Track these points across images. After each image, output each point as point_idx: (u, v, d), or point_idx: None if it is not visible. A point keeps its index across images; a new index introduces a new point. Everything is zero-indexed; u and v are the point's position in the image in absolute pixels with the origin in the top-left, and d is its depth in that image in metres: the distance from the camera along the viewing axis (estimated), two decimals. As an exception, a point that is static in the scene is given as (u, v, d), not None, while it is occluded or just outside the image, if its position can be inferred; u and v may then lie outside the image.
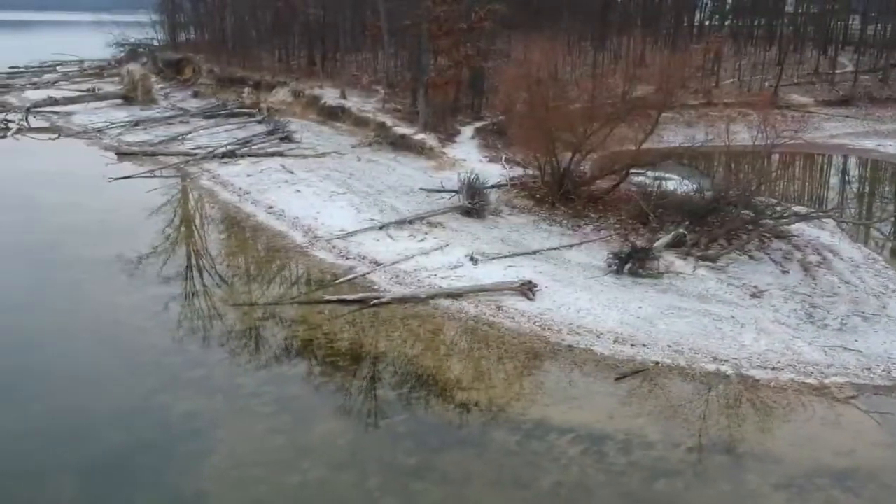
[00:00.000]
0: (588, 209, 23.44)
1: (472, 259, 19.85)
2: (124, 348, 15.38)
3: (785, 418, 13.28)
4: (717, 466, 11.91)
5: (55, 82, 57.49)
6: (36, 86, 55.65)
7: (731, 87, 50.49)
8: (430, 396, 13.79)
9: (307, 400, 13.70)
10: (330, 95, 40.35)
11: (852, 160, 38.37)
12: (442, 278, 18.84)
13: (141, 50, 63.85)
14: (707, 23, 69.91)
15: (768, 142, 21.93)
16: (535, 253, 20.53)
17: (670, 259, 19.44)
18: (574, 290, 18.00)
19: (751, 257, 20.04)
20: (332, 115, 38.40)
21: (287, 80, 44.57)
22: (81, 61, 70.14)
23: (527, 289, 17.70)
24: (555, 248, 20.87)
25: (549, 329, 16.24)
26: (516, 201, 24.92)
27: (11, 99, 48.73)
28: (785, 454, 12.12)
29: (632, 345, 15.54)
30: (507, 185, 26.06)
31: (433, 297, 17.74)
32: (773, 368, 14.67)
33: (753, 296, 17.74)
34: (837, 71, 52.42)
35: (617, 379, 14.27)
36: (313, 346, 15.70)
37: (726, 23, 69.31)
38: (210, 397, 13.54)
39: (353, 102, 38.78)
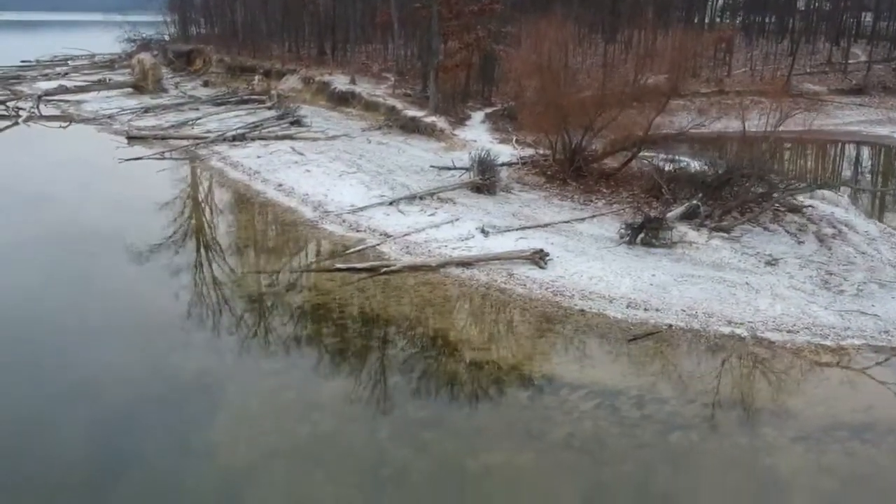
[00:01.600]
0: (599, 185, 23.28)
1: (482, 231, 19.70)
2: (137, 312, 15.29)
3: (801, 377, 13.07)
4: (732, 421, 11.72)
5: (66, 74, 57.58)
6: (47, 77, 55.83)
7: (742, 76, 50.20)
8: (440, 356, 13.65)
9: (316, 359, 13.57)
10: (340, 82, 40.31)
11: (866, 146, 37.98)
12: (452, 249, 18.70)
13: (152, 44, 64.18)
14: (718, 20, 69.60)
15: (780, 121, 21.76)
16: (546, 226, 20.37)
17: (683, 230, 19.22)
18: (586, 260, 17.82)
19: (765, 229, 19.81)
20: (342, 100, 38.35)
21: (297, 68, 44.56)
22: (92, 56, 70.40)
23: (538, 257, 17.53)
24: (566, 222, 20.70)
25: (560, 295, 16.08)
26: (527, 178, 24.77)
27: (23, 89, 48.92)
28: (802, 410, 11.93)
29: (645, 309, 15.36)
30: (518, 163, 25.90)
31: (444, 265, 17.60)
32: (789, 331, 14.45)
33: (768, 264, 17.52)
34: (850, 61, 51.99)
35: (630, 340, 14.10)
36: (324, 311, 15.61)
37: (737, 20, 68.99)
38: (220, 357, 13.44)
39: (363, 88, 38.72)
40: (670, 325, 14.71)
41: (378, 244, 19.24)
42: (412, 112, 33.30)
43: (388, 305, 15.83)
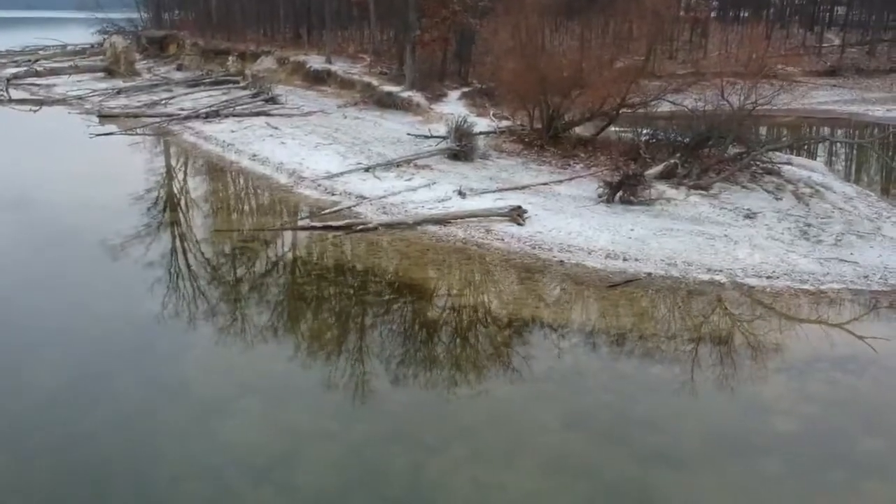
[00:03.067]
0: (577, 150, 23.11)
1: (460, 193, 19.44)
2: (113, 271, 14.85)
3: (781, 317, 12.95)
4: (713, 355, 11.55)
5: (36, 61, 56.56)
6: (17, 64, 54.81)
7: (718, 58, 50.36)
8: (416, 302, 13.39)
9: (290, 305, 13.25)
10: (315, 62, 39.88)
11: (841, 123, 38.20)
12: (430, 209, 18.44)
13: (125, 32, 63.25)
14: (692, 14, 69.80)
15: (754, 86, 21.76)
16: (524, 188, 20.16)
17: (662, 188, 19.10)
18: (565, 217, 17.63)
19: (743, 187, 19.76)
20: (318, 79, 37.94)
21: (272, 49, 44.03)
22: (65, 45, 69.29)
23: (516, 214, 17.32)
24: (544, 184, 20.51)
25: (539, 248, 15.87)
26: (505, 146, 24.55)
27: (-7, 74, 47.97)
28: (783, 344, 11.84)
29: (624, 259, 15.19)
30: (495, 132, 25.67)
31: (420, 222, 17.33)
32: (769, 277, 14.35)
33: (747, 217, 17.45)
34: (825, 45, 52.41)
35: (609, 287, 13.91)
36: (298, 264, 15.30)
37: (712, 12, 69.28)
38: (195, 306, 13.07)
39: (339, 67, 38.32)
40: (650, 273, 14.54)
41: (354, 206, 18.93)
42: (388, 88, 32.97)
43: (365, 258, 15.54)
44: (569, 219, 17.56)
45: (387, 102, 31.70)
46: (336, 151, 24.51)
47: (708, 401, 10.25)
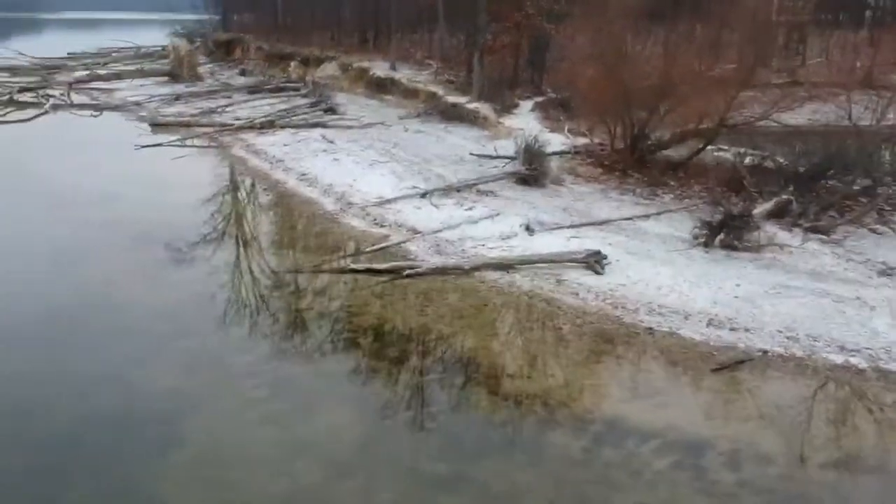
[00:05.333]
0: (666, 177, 19.96)
1: (527, 228, 16.68)
2: (109, 319, 12.73)
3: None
4: (865, 490, 8.49)
5: (105, 64, 56.50)
6: (87, 67, 54.66)
7: (818, 66, 46.01)
8: (468, 385, 10.69)
9: (312, 383, 10.74)
10: (379, 68, 37.72)
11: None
12: (490, 249, 15.73)
13: (195, 35, 63.03)
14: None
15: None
16: (603, 223, 17.26)
17: (772, 230, 15.90)
18: (653, 264, 14.66)
19: (872, 231, 16.34)
20: (381, 87, 35.73)
21: (336, 55, 42.13)
22: (139, 48, 69.60)
23: (594, 261, 14.44)
24: (627, 219, 17.54)
25: (622, 308, 12.96)
26: (581, 169, 21.61)
27: (61, 77, 47.61)
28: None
29: (731, 329, 12.15)
30: (570, 152, 22.75)
31: (479, 268, 14.63)
32: (924, 363, 11.11)
33: (883, 273, 14.10)
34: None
35: (714, 370, 10.94)
36: (330, 320, 12.80)
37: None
38: (194, 374, 10.73)
39: (404, 74, 36.01)
40: (765, 351, 11.48)
41: (404, 241, 16.40)
42: (454, 98, 30.39)
43: (409, 316, 12.94)
44: (658, 267, 14.58)
45: (452, 114, 29.11)
46: (392, 171, 22.08)
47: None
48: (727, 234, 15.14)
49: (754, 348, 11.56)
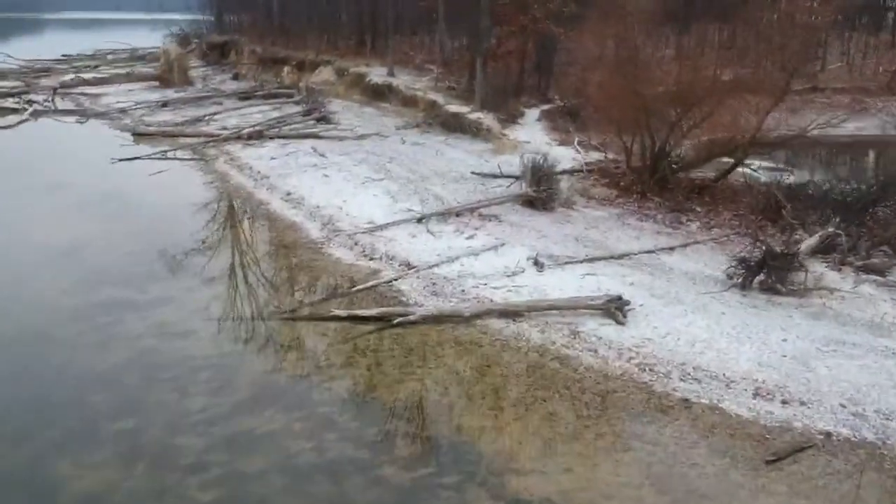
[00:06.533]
0: (691, 201, 17.89)
1: (536, 263, 14.64)
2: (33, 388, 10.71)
3: None
4: None
5: (97, 66, 54.63)
6: (77, 70, 52.71)
7: (839, 71, 43.92)
8: (466, 483, 8.60)
9: (272, 476, 8.69)
10: (377, 74, 35.70)
11: None
12: (494, 289, 13.69)
13: (190, 38, 61.16)
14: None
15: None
16: (621, 257, 15.21)
17: (818, 269, 13.83)
18: (683, 312, 12.60)
19: (933, 270, 14.26)
20: (378, 94, 33.70)
21: (332, 59, 40.11)
22: (134, 50, 67.73)
23: (615, 307, 12.39)
24: (649, 251, 15.48)
25: (650, 370, 10.91)
26: (594, 191, 19.56)
27: (48, 81, 45.64)
28: None
29: (783, 401, 10.09)
30: (582, 170, 20.69)
31: (481, 315, 12.59)
32: None
33: (957, 327, 12.03)
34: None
35: (769, 462, 8.87)
36: (298, 389, 10.72)
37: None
38: (133, 466, 8.70)
39: (402, 81, 33.95)
40: (828, 434, 9.42)
41: (395, 278, 14.36)
42: (455, 108, 28.33)
43: (397, 381, 10.87)
44: (689, 315, 12.52)
45: (452, 125, 27.08)
46: (386, 190, 20.05)
47: None
48: (768, 274, 13.06)
49: (814, 429, 9.50)
